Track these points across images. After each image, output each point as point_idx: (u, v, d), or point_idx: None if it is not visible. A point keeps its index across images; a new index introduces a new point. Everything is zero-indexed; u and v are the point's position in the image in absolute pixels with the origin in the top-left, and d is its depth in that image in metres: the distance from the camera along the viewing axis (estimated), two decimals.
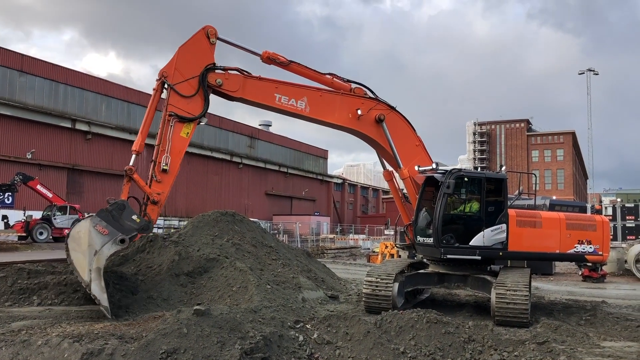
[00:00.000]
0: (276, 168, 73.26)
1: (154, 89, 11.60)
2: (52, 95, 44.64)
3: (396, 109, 12.96)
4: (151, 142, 11.77)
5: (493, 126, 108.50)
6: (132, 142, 44.16)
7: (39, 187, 35.54)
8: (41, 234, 33.93)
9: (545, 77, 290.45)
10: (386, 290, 11.40)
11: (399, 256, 22.32)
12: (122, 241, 10.23)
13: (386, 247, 25.96)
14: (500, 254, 11.69)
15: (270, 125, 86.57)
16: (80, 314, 10.30)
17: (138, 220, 10.64)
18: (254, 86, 12.05)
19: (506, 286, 10.72)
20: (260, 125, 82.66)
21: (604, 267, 19.97)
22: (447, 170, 11.99)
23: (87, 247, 9.94)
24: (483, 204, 11.79)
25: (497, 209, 11.81)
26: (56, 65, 45.92)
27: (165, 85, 11.53)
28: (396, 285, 11.54)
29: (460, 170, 12.10)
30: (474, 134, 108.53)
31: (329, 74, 12.84)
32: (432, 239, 11.66)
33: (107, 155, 48.86)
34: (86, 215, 38.18)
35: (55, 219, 35.17)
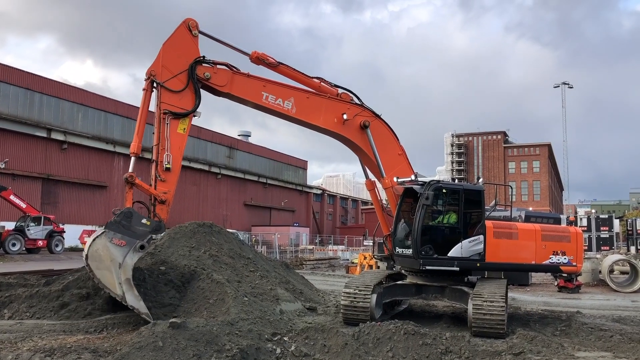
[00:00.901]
0: (255, 178, 72.98)
1: (143, 89, 11.54)
2: (27, 104, 43.91)
3: (381, 117, 13.07)
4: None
5: (470, 138, 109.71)
6: (109, 152, 43.87)
7: (12, 197, 34.92)
8: (14, 245, 33.25)
9: (522, 89, 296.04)
10: (364, 302, 11.39)
11: (378, 267, 22.35)
12: (142, 247, 10.39)
13: (365, 258, 25.97)
14: (478, 265, 11.78)
15: (249, 136, 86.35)
16: (53, 327, 10.09)
17: (149, 223, 10.67)
18: (242, 82, 12.06)
19: (483, 297, 10.79)
20: (239, 135, 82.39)
21: (579, 278, 20.29)
22: (425, 182, 12.08)
23: (110, 262, 10.03)
24: (461, 215, 11.89)
25: (475, 221, 11.92)
26: (32, 73, 45.23)
27: (155, 84, 11.48)
28: (374, 296, 11.55)
29: (439, 181, 12.22)
30: (452, 145, 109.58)
31: (317, 77, 12.95)
32: (411, 250, 11.70)
33: (83, 165, 48.17)
34: (60, 225, 37.43)
35: (28, 229, 34.53)
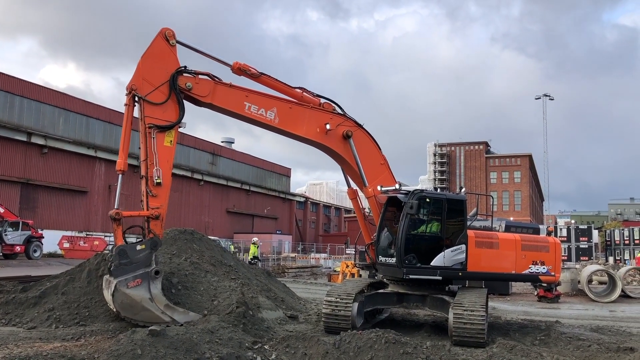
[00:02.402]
0: (238, 185, 72.76)
1: (125, 104, 11.32)
2: (6, 107, 43.32)
3: (363, 126, 13.11)
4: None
5: (453, 148, 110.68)
6: (90, 157, 43.52)
7: None
8: None
9: (507, 100, 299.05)
10: (345, 310, 11.37)
11: (360, 275, 22.35)
12: (157, 272, 10.59)
13: (347, 266, 25.97)
14: (460, 274, 11.83)
15: (232, 142, 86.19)
16: (29, 334, 9.92)
17: (144, 247, 10.65)
18: (224, 93, 11.91)
19: (463, 306, 10.84)
20: (222, 142, 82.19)
21: (558, 288, 20.50)
22: (409, 191, 12.12)
23: (142, 303, 10.30)
24: (444, 224, 11.95)
25: (457, 230, 11.99)
26: (12, 76, 44.66)
27: (137, 98, 11.25)
28: (356, 305, 11.53)
29: (422, 191, 12.26)
30: (434, 155, 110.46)
31: (299, 88, 12.88)
32: (394, 259, 11.72)
33: (63, 170, 47.60)
34: (39, 231, 36.80)
35: (6, 235, 33.93)
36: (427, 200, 12.16)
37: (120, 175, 11.22)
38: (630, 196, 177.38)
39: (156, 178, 11.02)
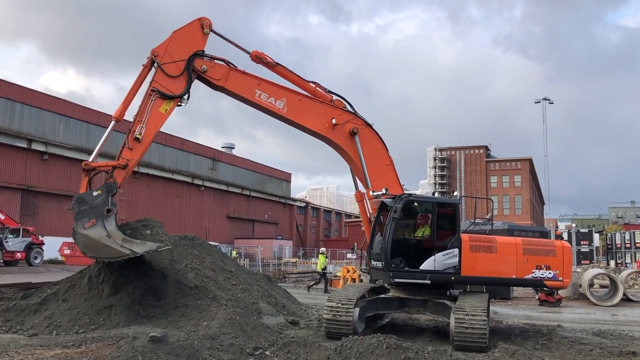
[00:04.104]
0: (238, 191, 72.72)
1: (143, 65, 12.39)
2: (7, 114, 43.36)
3: (372, 126, 13.21)
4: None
5: (453, 152, 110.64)
6: None
7: None
8: None
9: (509, 103, 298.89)
10: (347, 316, 11.33)
11: (361, 280, 22.31)
12: (109, 211, 11.38)
13: (348, 271, 25.93)
14: (453, 278, 11.72)
15: (233, 148, 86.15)
16: (30, 341, 9.89)
17: (100, 192, 11.53)
18: (237, 78, 12.71)
19: (465, 311, 10.81)
20: (223, 147, 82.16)
21: (560, 292, 20.46)
22: (396, 196, 12.12)
23: (100, 241, 11.02)
24: (434, 228, 11.90)
25: (449, 234, 11.90)
26: (12, 83, 44.75)
27: (155, 64, 12.29)
28: (357, 310, 11.50)
29: (410, 195, 12.22)
30: (435, 159, 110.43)
31: (313, 82, 13.28)
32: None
33: (64, 176, 47.59)
34: (39, 237, 36.88)
35: (7, 241, 33.89)
36: (415, 204, 12.14)
37: (112, 122, 12.23)
38: (631, 199, 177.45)
39: (137, 133, 12.01)
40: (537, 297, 21.32)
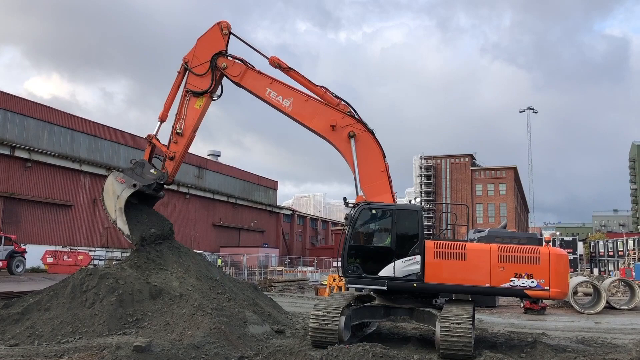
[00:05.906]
0: (224, 199, 72.43)
1: (178, 72, 14.66)
2: None
3: (374, 132, 13.36)
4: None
5: (438, 160, 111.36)
6: (75, 170, 43.44)
7: None
8: None
9: (496, 111, 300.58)
10: (333, 324, 11.31)
11: (347, 289, 22.28)
12: (134, 185, 13.83)
13: (334, 279, 25.88)
14: (415, 285, 11.61)
15: (219, 155, 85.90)
16: (10, 352, 9.74)
17: (155, 173, 14.29)
18: (252, 77, 14.27)
19: (450, 319, 10.83)
20: (209, 155, 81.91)
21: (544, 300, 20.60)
22: (356, 204, 12.21)
23: (113, 195, 13.76)
24: (394, 235, 11.92)
25: (411, 240, 11.84)
26: None
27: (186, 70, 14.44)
28: (343, 318, 11.48)
29: (368, 203, 12.27)
30: (420, 167, 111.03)
31: (322, 86, 14.04)
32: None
33: (47, 184, 47.06)
34: (22, 245, 36.46)
35: None
36: (373, 211, 12.21)
37: (158, 123, 14.82)
38: (614, 208, 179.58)
39: (178, 129, 14.41)
40: (522, 305, 21.46)
